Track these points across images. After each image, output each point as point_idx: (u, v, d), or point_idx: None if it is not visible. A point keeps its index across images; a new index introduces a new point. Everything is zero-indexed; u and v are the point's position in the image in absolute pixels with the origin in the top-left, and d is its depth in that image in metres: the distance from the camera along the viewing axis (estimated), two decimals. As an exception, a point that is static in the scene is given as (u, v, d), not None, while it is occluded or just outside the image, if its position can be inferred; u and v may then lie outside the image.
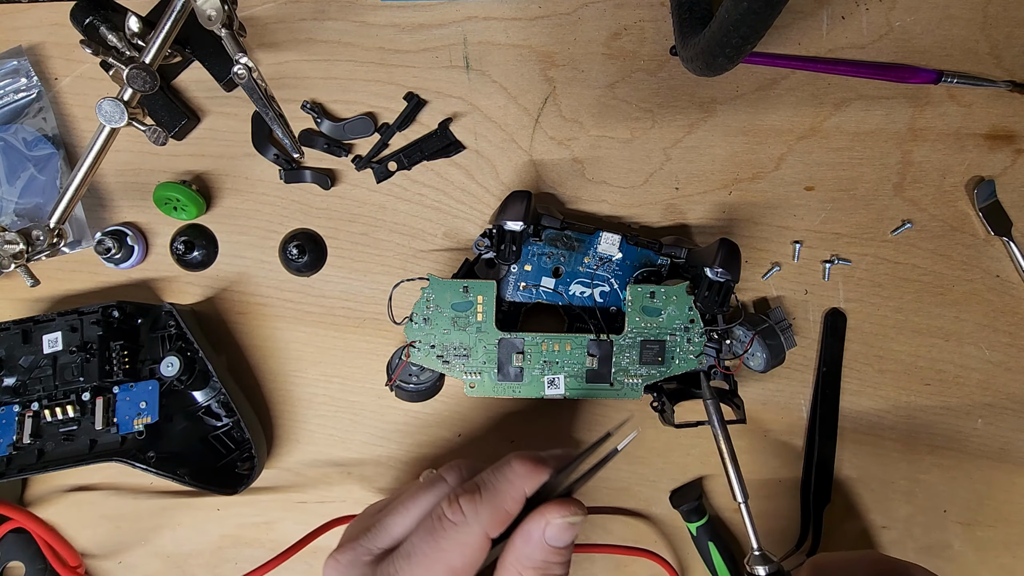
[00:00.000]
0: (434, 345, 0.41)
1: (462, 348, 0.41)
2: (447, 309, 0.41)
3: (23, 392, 0.43)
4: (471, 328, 0.41)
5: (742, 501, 0.40)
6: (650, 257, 0.43)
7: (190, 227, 0.46)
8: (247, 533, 0.48)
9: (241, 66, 0.36)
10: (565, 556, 0.28)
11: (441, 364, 0.41)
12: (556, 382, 0.41)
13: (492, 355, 0.41)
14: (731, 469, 0.40)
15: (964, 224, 0.45)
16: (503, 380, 0.41)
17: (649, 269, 0.43)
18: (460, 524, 0.27)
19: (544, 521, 0.27)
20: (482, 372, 0.41)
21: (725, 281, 0.40)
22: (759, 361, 0.43)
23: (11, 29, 0.47)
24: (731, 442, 0.41)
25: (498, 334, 0.41)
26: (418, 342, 0.41)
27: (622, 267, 0.43)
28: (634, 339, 0.41)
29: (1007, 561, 0.46)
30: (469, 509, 0.27)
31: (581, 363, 0.41)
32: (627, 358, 0.41)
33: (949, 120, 0.45)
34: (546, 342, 0.41)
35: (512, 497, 0.28)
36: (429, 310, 0.41)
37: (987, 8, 0.44)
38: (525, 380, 0.41)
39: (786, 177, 0.45)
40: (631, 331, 0.41)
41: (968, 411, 0.46)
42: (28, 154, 0.46)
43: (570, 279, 0.43)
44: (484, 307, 0.41)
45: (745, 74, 0.45)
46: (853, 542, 0.46)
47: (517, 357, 0.41)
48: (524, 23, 0.45)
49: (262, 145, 0.46)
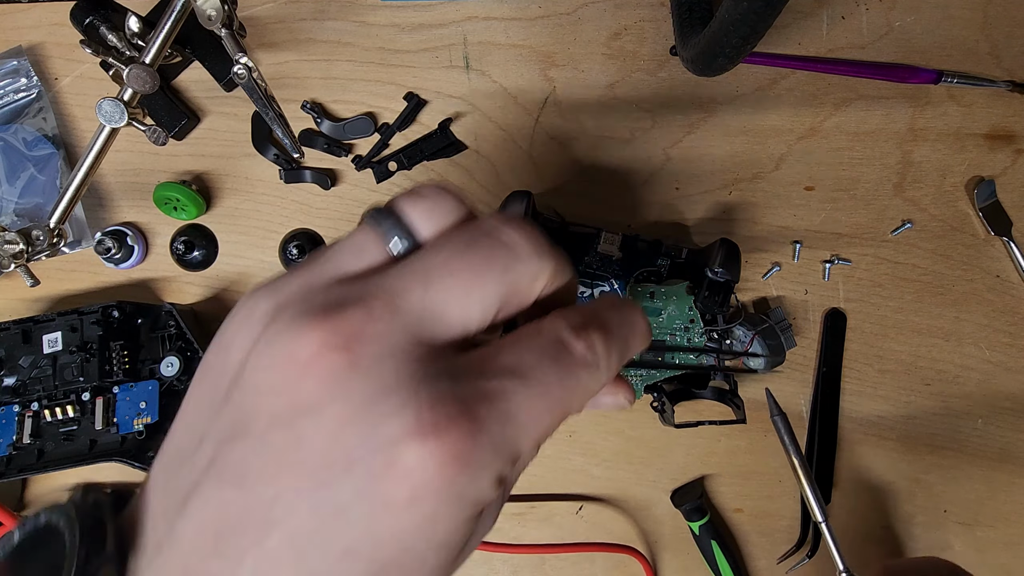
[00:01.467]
0: None
1: None
2: None
3: (23, 392, 0.43)
4: None
5: (822, 520, 0.39)
6: (650, 257, 0.43)
7: (190, 227, 0.46)
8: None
9: (241, 66, 0.36)
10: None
11: None
12: None
13: None
14: (808, 488, 0.38)
15: (964, 224, 0.45)
16: None
17: (649, 269, 0.43)
18: (592, 368, 0.20)
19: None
20: None
21: (725, 281, 0.40)
22: (759, 361, 0.43)
23: (11, 29, 0.47)
24: (804, 458, 0.39)
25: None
26: None
27: (622, 267, 0.43)
28: None
29: (1007, 561, 0.46)
30: (603, 353, 0.20)
31: None
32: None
33: (949, 120, 0.45)
34: None
35: (632, 354, 0.22)
36: None
37: (987, 8, 0.44)
38: None
39: (786, 177, 0.45)
40: None
41: (968, 411, 0.46)
42: (28, 154, 0.46)
43: (570, 279, 0.43)
44: None
45: (745, 74, 0.45)
46: (853, 542, 0.46)
47: None
48: (524, 23, 0.45)
49: (262, 145, 0.46)
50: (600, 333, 0.20)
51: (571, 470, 0.47)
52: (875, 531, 0.46)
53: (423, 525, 0.16)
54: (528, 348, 0.19)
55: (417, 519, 0.16)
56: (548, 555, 0.47)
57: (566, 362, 0.19)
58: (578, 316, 0.20)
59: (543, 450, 0.46)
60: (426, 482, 0.16)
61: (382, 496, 0.16)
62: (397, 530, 0.16)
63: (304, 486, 0.16)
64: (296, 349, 0.16)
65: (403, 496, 0.16)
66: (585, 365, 0.19)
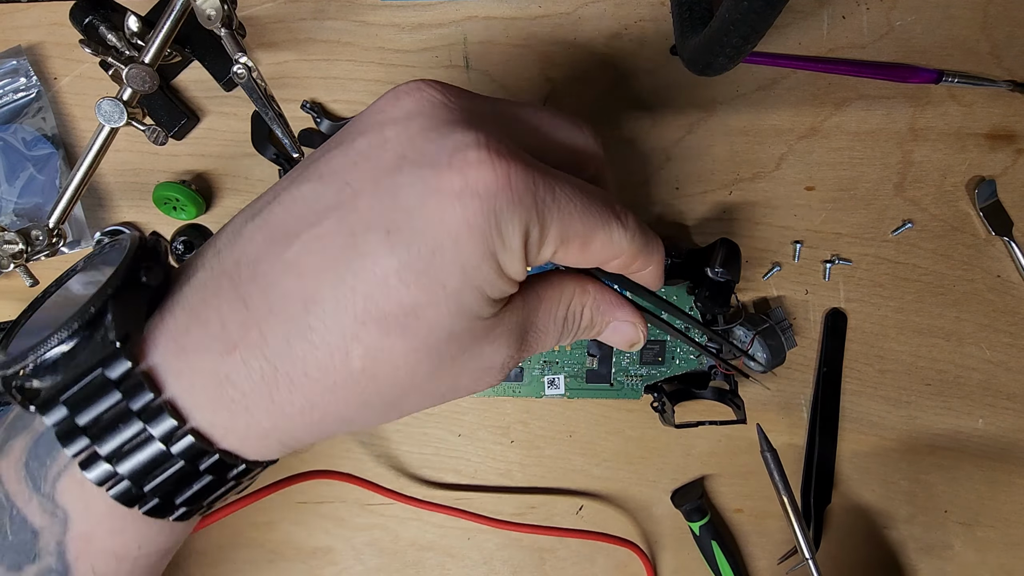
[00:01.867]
0: None
1: None
2: None
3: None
4: None
5: (809, 558, 0.39)
6: None
7: (190, 227, 0.46)
8: (246, 533, 0.48)
9: (241, 65, 0.36)
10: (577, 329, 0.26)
11: None
12: (556, 382, 0.41)
13: None
14: (795, 524, 0.39)
15: (965, 224, 0.45)
16: (504, 380, 0.41)
17: None
18: (622, 228, 0.23)
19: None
20: None
21: (726, 281, 0.40)
22: (759, 361, 0.43)
23: (10, 29, 0.47)
24: (792, 493, 0.39)
25: None
26: None
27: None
28: None
29: (1007, 561, 0.46)
30: (634, 227, 0.23)
31: (581, 363, 0.41)
32: (627, 358, 0.41)
33: (950, 120, 0.45)
34: None
35: (651, 262, 0.25)
36: None
37: (988, 8, 0.44)
38: (525, 380, 0.41)
39: (786, 177, 0.45)
40: None
41: (969, 411, 0.46)
42: (27, 154, 0.46)
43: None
44: None
45: (745, 74, 0.45)
46: (854, 543, 0.46)
47: None
48: (524, 23, 0.45)
49: (262, 145, 0.46)
50: (636, 218, 0.23)
51: (571, 470, 0.47)
52: (875, 531, 0.46)
53: (459, 231, 0.18)
54: (584, 183, 0.21)
55: (457, 216, 0.18)
56: (548, 555, 0.47)
57: (608, 207, 0.22)
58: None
59: (543, 450, 0.46)
60: (478, 181, 0.18)
61: (436, 182, 0.18)
62: (438, 218, 0.18)
63: (372, 175, 0.19)
64: (408, 89, 0.20)
65: (455, 186, 0.18)
66: (620, 222, 0.22)
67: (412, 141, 0.19)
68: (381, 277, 0.18)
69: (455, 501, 0.46)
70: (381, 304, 0.18)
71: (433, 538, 0.47)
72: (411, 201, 0.18)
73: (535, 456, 0.46)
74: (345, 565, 0.47)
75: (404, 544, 0.47)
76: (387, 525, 0.47)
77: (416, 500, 0.44)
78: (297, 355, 0.19)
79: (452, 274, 0.19)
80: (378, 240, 0.18)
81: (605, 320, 0.26)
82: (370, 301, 0.18)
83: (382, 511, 0.47)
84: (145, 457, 0.19)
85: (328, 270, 0.18)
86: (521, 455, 0.46)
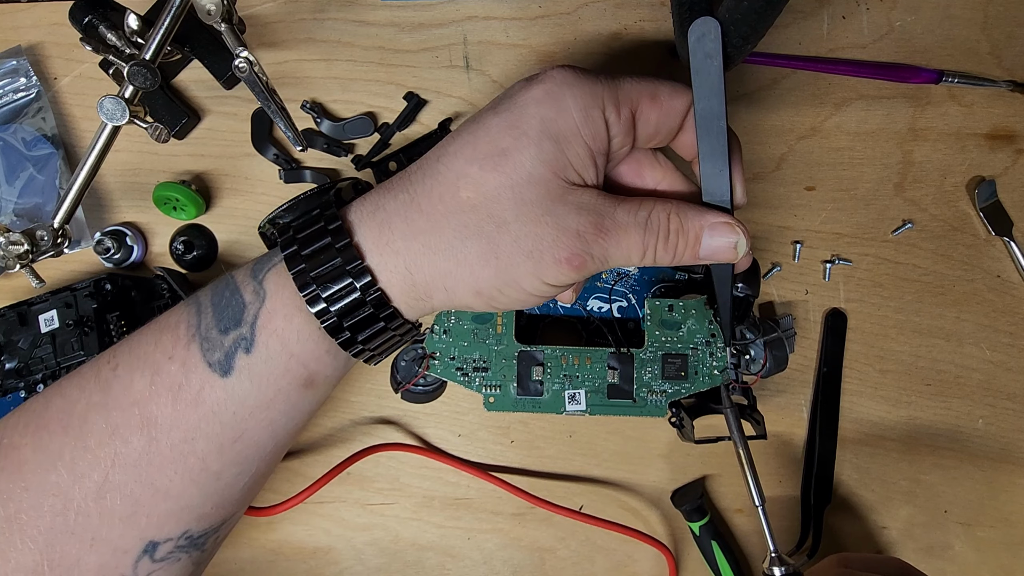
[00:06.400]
0: (454, 357, 0.41)
1: (481, 361, 0.41)
2: (467, 322, 0.41)
3: (26, 373, 0.43)
4: (490, 340, 0.41)
5: (759, 504, 0.39)
6: (667, 272, 0.43)
7: (190, 227, 0.46)
8: (247, 533, 0.47)
9: (242, 59, 0.36)
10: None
11: (460, 377, 0.41)
12: (577, 397, 0.40)
13: (511, 368, 0.41)
14: (748, 473, 0.39)
15: (965, 224, 0.45)
16: (523, 395, 0.41)
17: (667, 284, 0.43)
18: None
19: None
20: (501, 385, 0.41)
21: (745, 296, 0.39)
22: (758, 366, 0.42)
23: (10, 29, 0.47)
24: (748, 448, 0.40)
25: (518, 346, 0.41)
26: (438, 354, 0.41)
27: (639, 282, 0.43)
28: (655, 353, 0.40)
29: (1007, 561, 0.46)
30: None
31: (602, 378, 0.40)
32: (649, 372, 0.40)
33: (950, 120, 0.45)
34: (566, 355, 0.41)
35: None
36: (451, 322, 0.41)
37: (988, 8, 0.44)
38: (545, 395, 0.40)
39: (786, 177, 0.45)
40: (651, 344, 0.40)
41: (969, 411, 0.46)
42: (27, 154, 0.46)
43: (588, 294, 0.43)
44: (504, 318, 0.41)
45: (745, 74, 0.45)
46: (854, 543, 0.46)
47: (537, 370, 0.40)
48: (524, 23, 0.45)
49: (262, 145, 0.46)
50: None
51: (571, 470, 0.46)
52: (875, 531, 0.46)
53: (539, 96, 0.28)
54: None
55: (539, 89, 0.28)
56: (548, 555, 0.47)
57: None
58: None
59: (543, 450, 0.46)
60: (556, 73, 0.28)
61: (530, 80, 0.28)
62: (527, 93, 0.28)
63: (507, 100, 0.29)
64: (536, 79, 0.28)
65: (540, 78, 0.28)
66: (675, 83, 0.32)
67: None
68: (486, 131, 0.28)
69: (455, 502, 0.46)
70: (483, 148, 0.27)
71: (433, 538, 0.47)
72: (514, 91, 0.28)
73: (535, 456, 0.46)
74: (345, 565, 0.47)
75: (404, 544, 0.47)
76: (387, 525, 0.47)
77: (473, 468, 0.45)
78: (428, 187, 0.28)
79: (532, 125, 0.27)
80: (490, 114, 0.28)
81: (697, 224, 0.30)
82: (477, 148, 0.27)
83: (382, 511, 0.47)
84: (349, 301, 0.28)
85: (458, 138, 0.28)
86: (521, 455, 0.46)
